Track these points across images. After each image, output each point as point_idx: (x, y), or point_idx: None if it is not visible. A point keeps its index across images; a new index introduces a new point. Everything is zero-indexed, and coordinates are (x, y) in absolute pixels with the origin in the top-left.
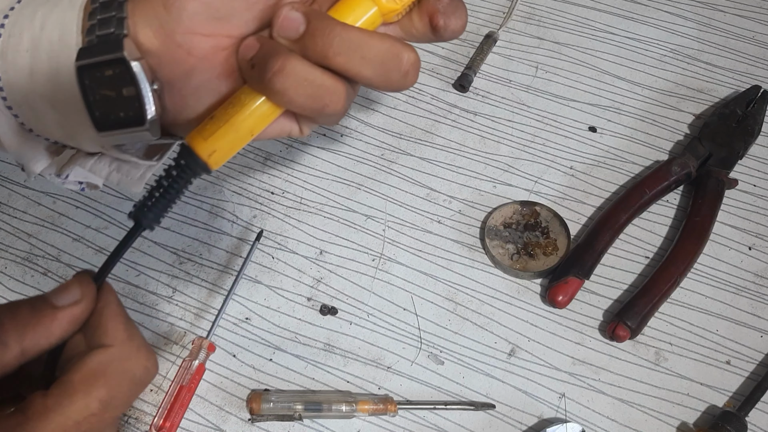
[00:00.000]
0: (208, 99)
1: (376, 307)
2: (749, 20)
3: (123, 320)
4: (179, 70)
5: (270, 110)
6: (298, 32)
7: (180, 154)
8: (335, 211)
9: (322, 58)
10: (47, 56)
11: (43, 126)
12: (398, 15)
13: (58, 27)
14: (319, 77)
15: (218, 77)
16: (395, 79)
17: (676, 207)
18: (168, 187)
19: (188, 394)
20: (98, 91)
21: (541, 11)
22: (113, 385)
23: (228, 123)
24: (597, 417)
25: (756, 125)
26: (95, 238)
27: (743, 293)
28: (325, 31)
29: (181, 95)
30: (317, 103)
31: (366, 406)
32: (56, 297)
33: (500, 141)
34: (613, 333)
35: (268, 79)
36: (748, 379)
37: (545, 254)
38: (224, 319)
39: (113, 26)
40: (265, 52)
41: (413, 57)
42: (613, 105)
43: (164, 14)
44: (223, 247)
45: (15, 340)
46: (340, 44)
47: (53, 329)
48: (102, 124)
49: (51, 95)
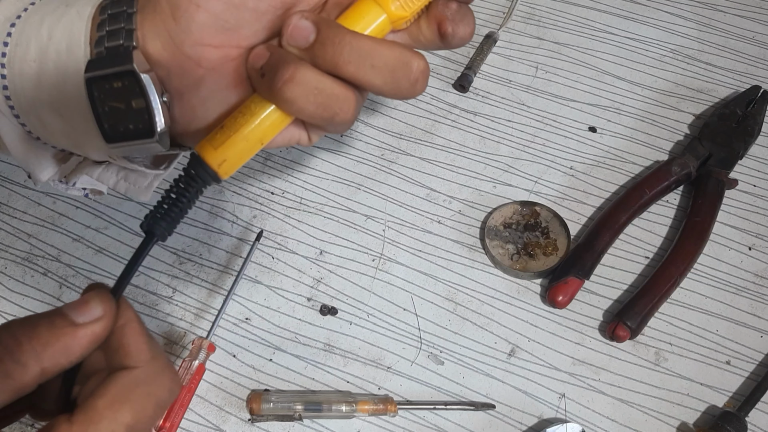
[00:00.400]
0: (218, 109)
1: (376, 307)
2: (749, 20)
3: (146, 339)
4: (188, 81)
5: (280, 119)
6: (308, 41)
7: (190, 163)
8: (335, 211)
9: (332, 66)
10: (54, 66)
11: (50, 135)
12: (407, 22)
13: (66, 37)
14: (329, 86)
15: (227, 87)
16: (405, 87)
17: (676, 207)
18: (178, 197)
19: (188, 394)
20: (107, 102)
21: (541, 11)
22: (138, 410)
23: (238, 132)
24: (597, 417)
25: (756, 125)
26: (95, 239)
27: (743, 293)
28: (335, 39)
29: (190, 106)
30: (327, 112)
31: (366, 406)
32: (76, 313)
33: (500, 141)
34: (613, 333)
35: (278, 88)
36: (748, 379)
37: (545, 254)
38: (224, 319)
39: (122, 38)
40: (275, 61)
41: (423, 65)
42: (613, 105)
43: (173, 25)
44: (223, 248)
45: (34, 360)
46: (350, 53)
47: (74, 348)
48: (111, 136)
49: (58, 105)
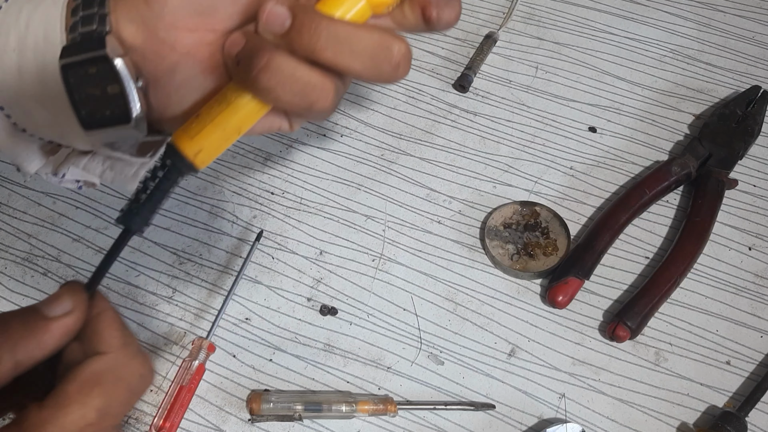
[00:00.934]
0: (194, 95)
1: (376, 307)
2: (749, 20)
3: (118, 327)
4: (163, 66)
5: (257, 108)
6: (283, 27)
7: (165, 153)
8: (335, 211)
9: (309, 53)
10: (33, 55)
11: (35, 125)
12: (389, 7)
13: (42, 25)
14: (306, 74)
15: (203, 73)
16: (386, 72)
17: (676, 207)
18: (155, 188)
19: (188, 394)
20: (83, 89)
21: (541, 11)
22: (109, 394)
23: (214, 122)
24: (597, 417)
25: (756, 125)
26: (95, 239)
27: (743, 293)
28: (312, 25)
29: (165, 92)
30: (305, 101)
31: (366, 406)
32: (47, 308)
33: (500, 141)
34: (613, 333)
35: (253, 76)
36: (748, 380)
37: (545, 254)
38: (224, 319)
39: (96, 23)
40: (250, 48)
41: (404, 48)
42: (613, 105)
43: (146, 10)
44: (223, 248)
45: (8, 354)
46: (327, 39)
47: (46, 341)
48: (88, 123)
49: (40, 94)
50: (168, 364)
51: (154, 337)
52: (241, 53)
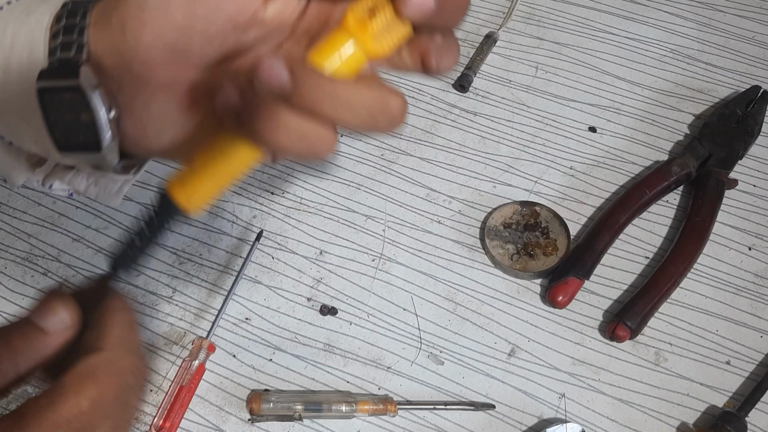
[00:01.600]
0: (171, 129)
1: (376, 307)
2: (749, 20)
3: (119, 325)
4: (139, 98)
5: (252, 155)
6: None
7: (161, 203)
8: (335, 211)
9: (309, 109)
10: (18, 75)
11: (20, 139)
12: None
13: (27, 46)
14: (307, 126)
15: (179, 107)
16: (383, 126)
17: (676, 207)
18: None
19: (188, 394)
20: (58, 113)
21: (541, 11)
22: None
23: (208, 172)
24: (597, 417)
25: (756, 125)
26: (95, 239)
27: (743, 293)
28: (312, 85)
29: (141, 123)
30: (307, 149)
31: (366, 406)
32: (44, 321)
33: (500, 141)
34: (613, 333)
35: (256, 130)
36: (748, 379)
37: (545, 254)
38: (224, 319)
39: (73, 51)
40: (251, 105)
41: (400, 103)
42: (613, 105)
43: (122, 42)
44: (223, 247)
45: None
46: (325, 97)
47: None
48: (62, 146)
49: (24, 112)
50: (168, 364)
51: (154, 336)
52: (241, 109)
